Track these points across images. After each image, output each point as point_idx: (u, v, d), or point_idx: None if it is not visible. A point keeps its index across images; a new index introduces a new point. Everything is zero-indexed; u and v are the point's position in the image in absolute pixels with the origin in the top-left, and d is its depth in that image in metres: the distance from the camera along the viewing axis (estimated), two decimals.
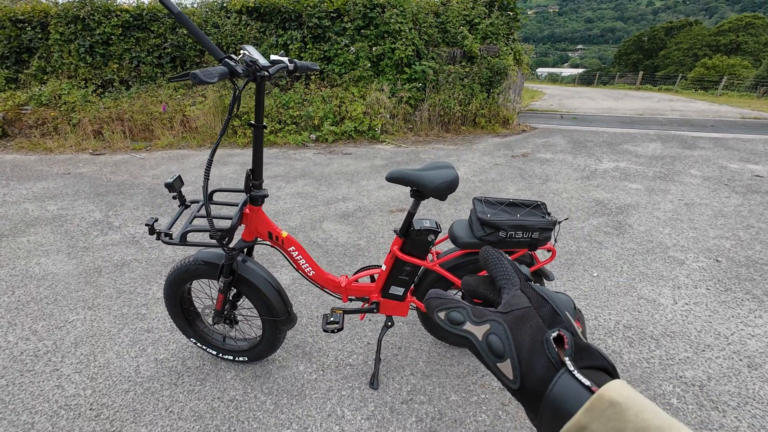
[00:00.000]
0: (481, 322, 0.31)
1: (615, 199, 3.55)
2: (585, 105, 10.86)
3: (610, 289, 2.24)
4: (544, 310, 0.30)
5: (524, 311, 0.31)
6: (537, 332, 0.29)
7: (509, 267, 0.36)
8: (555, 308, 0.30)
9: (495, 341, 0.30)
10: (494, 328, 0.30)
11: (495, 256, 0.37)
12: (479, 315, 0.32)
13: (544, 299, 0.31)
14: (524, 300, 0.32)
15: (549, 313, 0.30)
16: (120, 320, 2.02)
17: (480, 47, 6.41)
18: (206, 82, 0.87)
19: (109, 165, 4.69)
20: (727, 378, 1.65)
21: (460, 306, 0.33)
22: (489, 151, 5.23)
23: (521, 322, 0.30)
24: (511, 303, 0.32)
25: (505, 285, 0.34)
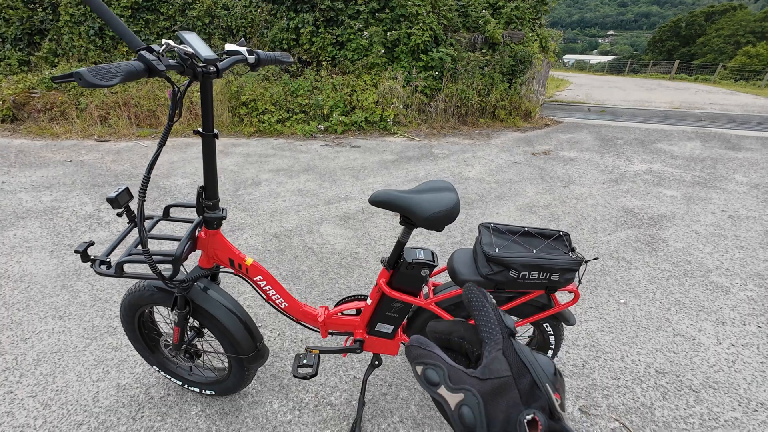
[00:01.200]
0: (456, 389, 0.30)
1: (647, 208, 3.19)
2: (614, 96, 10.20)
3: (640, 321, 1.94)
4: (524, 381, 0.29)
5: (502, 382, 0.29)
6: (512, 409, 0.28)
7: (493, 317, 0.33)
8: (535, 380, 0.29)
9: (467, 414, 0.28)
10: (468, 399, 0.29)
11: (479, 300, 0.35)
12: (455, 379, 0.30)
13: (525, 367, 0.30)
14: (504, 367, 0.30)
15: (528, 386, 0.29)
16: (89, 333, 1.85)
17: (503, 33, 5.96)
18: (97, 85, 0.62)
19: (111, 153, 4.56)
20: None
21: (437, 364, 0.31)
22: (508, 147, 4.86)
23: (497, 394, 0.29)
24: (490, 368, 0.30)
25: (487, 340, 0.32)
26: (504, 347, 0.31)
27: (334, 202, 3.25)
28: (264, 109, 5.43)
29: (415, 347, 0.33)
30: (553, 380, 0.30)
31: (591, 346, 1.79)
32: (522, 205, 3.23)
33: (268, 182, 3.67)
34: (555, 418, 0.27)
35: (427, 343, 0.33)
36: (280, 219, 2.96)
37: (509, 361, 0.30)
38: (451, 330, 0.35)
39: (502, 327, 0.32)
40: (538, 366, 0.30)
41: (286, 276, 2.28)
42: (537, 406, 0.27)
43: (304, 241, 2.65)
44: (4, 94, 5.69)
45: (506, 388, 0.28)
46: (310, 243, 2.63)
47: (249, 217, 2.98)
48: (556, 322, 1.31)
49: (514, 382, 0.29)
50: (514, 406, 0.28)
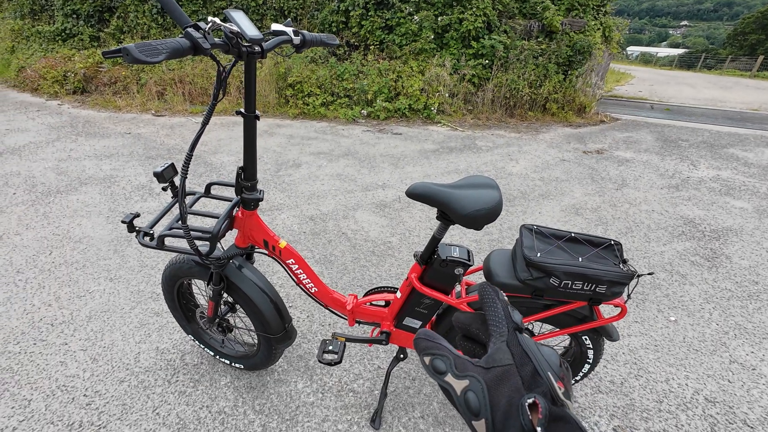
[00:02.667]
0: (461, 376, 0.31)
1: (711, 220, 2.90)
2: (683, 93, 9.34)
3: (691, 343, 1.78)
4: (526, 369, 0.30)
5: (505, 369, 0.30)
6: (514, 394, 0.29)
7: (501, 312, 0.35)
8: (536, 368, 0.30)
9: (472, 399, 0.30)
10: (473, 385, 0.30)
11: (490, 296, 0.37)
12: (461, 368, 0.32)
13: (527, 356, 0.31)
14: (507, 356, 0.31)
15: (530, 373, 0.30)
16: (135, 297, 1.98)
17: (562, 20, 5.59)
18: (143, 61, 0.62)
19: (166, 127, 4.81)
20: None
21: (444, 354, 0.33)
22: (557, 143, 4.60)
23: (500, 381, 0.30)
24: (494, 358, 0.32)
25: (494, 332, 0.34)
26: (508, 339, 0.33)
27: (371, 189, 3.23)
28: (309, 91, 5.48)
29: (423, 339, 0.35)
30: (556, 370, 0.31)
31: (632, 364, 1.66)
32: (567, 205, 3.05)
33: (308, 165, 3.72)
34: (558, 405, 0.28)
35: (434, 336, 0.35)
36: (317, 202, 2.99)
37: (512, 351, 0.32)
38: (471, 322, 0.38)
39: (508, 321, 0.34)
40: (541, 356, 0.31)
41: (319, 259, 2.31)
42: (538, 392, 0.29)
43: (339, 226, 2.66)
44: (76, 67, 6.13)
45: (509, 375, 0.30)
46: (344, 228, 2.64)
47: (288, 198, 3.04)
48: (597, 336, 1.22)
49: (517, 370, 0.30)
50: (516, 391, 0.29)
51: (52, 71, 6.11)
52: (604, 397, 1.52)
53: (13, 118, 4.92)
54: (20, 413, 1.41)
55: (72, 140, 4.23)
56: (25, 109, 5.34)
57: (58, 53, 6.71)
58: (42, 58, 6.63)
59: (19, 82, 6.55)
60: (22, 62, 6.81)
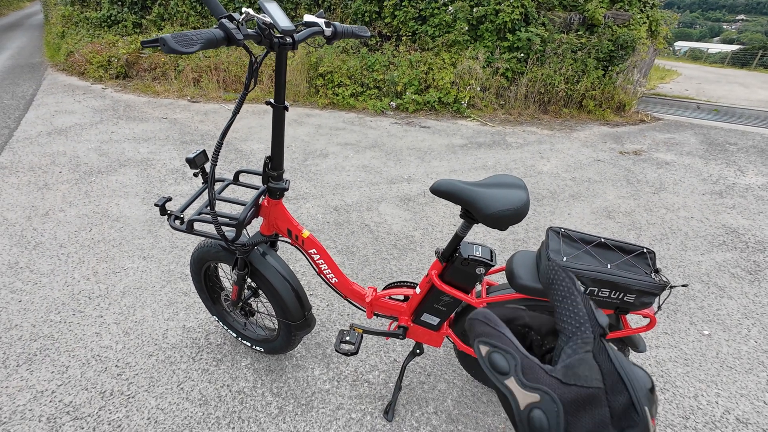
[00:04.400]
0: (531, 387, 0.24)
1: (755, 230, 2.72)
2: (734, 93, 8.73)
3: (725, 359, 1.69)
4: (618, 399, 0.23)
5: (590, 393, 0.24)
6: (598, 429, 0.22)
7: (582, 308, 0.27)
8: (633, 400, 0.23)
9: (540, 420, 0.23)
10: (544, 404, 0.24)
11: (565, 285, 0.29)
12: (530, 375, 0.25)
13: (622, 381, 0.24)
14: (595, 373, 0.24)
15: (622, 405, 0.23)
16: (165, 276, 2.07)
17: (605, 13, 5.32)
18: (179, 51, 0.64)
19: (200, 114, 4.96)
20: None
21: (509, 351, 0.26)
22: (592, 143, 4.42)
23: (582, 407, 0.23)
24: (576, 373, 0.24)
25: (571, 334, 0.26)
26: (595, 349, 0.26)
27: (396, 182, 3.23)
28: (339, 81, 5.49)
29: (481, 322, 0.28)
30: (649, 401, 0.24)
31: (659, 376, 1.60)
32: (599, 208, 2.94)
33: (335, 155, 3.74)
34: None
35: (495, 320, 0.28)
36: (342, 193, 3.02)
37: (601, 368, 0.25)
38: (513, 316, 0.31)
39: (593, 324, 0.27)
40: (637, 382, 0.24)
41: (341, 250, 2.33)
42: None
43: (363, 218, 2.68)
44: (120, 53, 6.40)
45: (594, 401, 0.24)
46: (368, 220, 2.65)
47: (313, 188, 3.08)
48: (622, 346, 1.17)
49: (606, 396, 0.24)
50: (601, 425, 0.23)
51: (97, 56, 6.40)
52: None
53: (61, 101, 5.20)
54: (59, 378, 1.51)
55: (113, 123, 4.44)
56: (72, 92, 5.64)
57: (104, 39, 7.02)
58: (89, 43, 6.95)
59: (68, 66, 6.90)
60: (70, 47, 7.17)
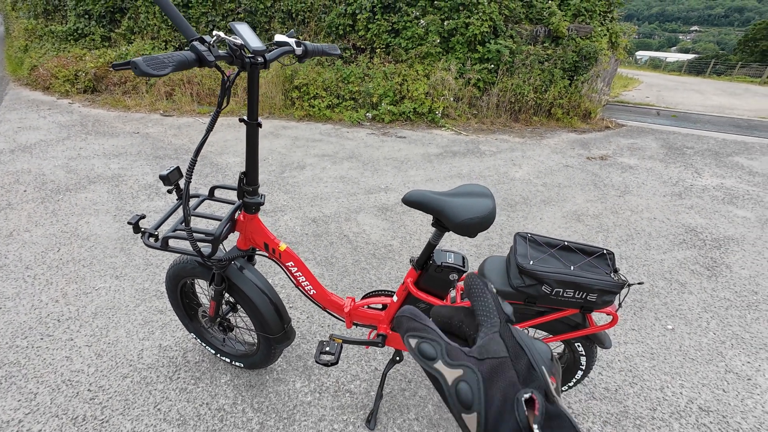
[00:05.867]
0: (454, 365, 0.29)
1: (712, 228, 2.90)
2: (690, 100, 9.28)
3: (687, 351, 1.79)
4: (521, 362, 0.29)
5: (500, 362, 0.29)
6: (509, 389, 0.27)
7: (491, 302, 0.33)
8: (531, 361, 0.29)
9: (465, 390, 0.28)
10: (467, 376, 0.28)
11: (479, 287, 0.35)
12: (454, 356, 0.30)
13: (522, 349, 0.29)
14: (501, 347, 0.30)
15: (525, 367, 0.28)
16: (140, 295, 2.02)
17: (569, 26, 5.60)
18: (151, 74, 0.66)
19: (173, 128, 4.88)
20: None
21: (435, 339, 0.31)
22: (561, 149, 4.61)
23: (495, 374, 0.28)
24: (487, 348, 0.30)
25: (484, 322, 0.32)
26: (501, 330, 0.31)
27: (374, 192, 3.27)
28: (315, 93, 5.53)
29: (408, 318, 0.32)
30: (549, 365, 0.30)
31: (627, 371, 1.68)
32: (569, 212, 3.07)
33: (312, 167, 3.76)
34: (550, 401, 0.27)
35: (420, 315, 0.32)
36: (320, 204, 3.03)
37: (506, 342, 0.30)
38: (452, 314, 0.36)
39: (500, 312, 0.32)
40: (535, 349, 0.30)
41: (321, 261, 2.34)
42: (534, 386, 0.27)
43: (341, 229, 2.70)
44: (87, 66, 6.24)
45: (504, 367, 0.28)
46: (346, 231, 2.67)
47: (291, 200, 3.08)
48: (589, 343, 1.24)
49: (511, 362, 0.29)
50: (511, 385, 0.27)
51: (63, 70, 6.22)
52: (597, 404, 1.54)
53: (25, 116, 5.01)
54: (26, 406, 1.45)
55: (82, 139, 4.31)
56: (36, 108, 5.45)
57: (70, 53, 6.83)
58: (54, 57, 6.74)
59: (32, 80, 6.67)
60: (34, 61, 6.94)
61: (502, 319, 0.32)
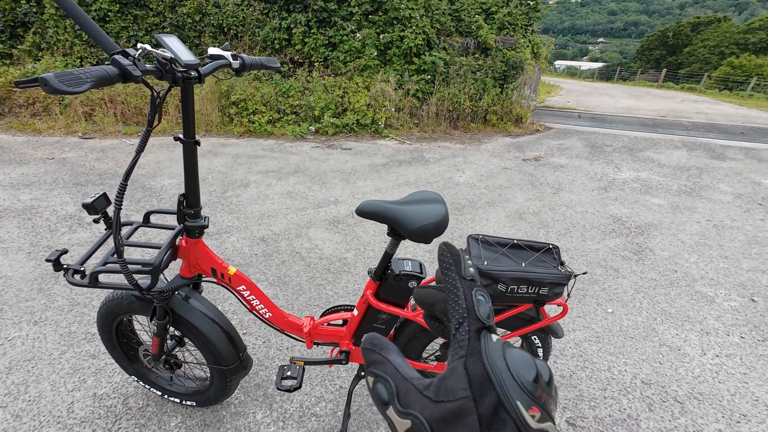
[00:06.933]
0: (404, 414, 0.25)
1: (635, 217, 3.22)
2: (604, 103, 10.34)
3: (626, 331, 1.95)
4: (486, 400, 0.23)
5: (457, 406, 0.23)
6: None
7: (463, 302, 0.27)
8: (501, 398, 0.22)
9: None
10: (415, 429, 0.24)
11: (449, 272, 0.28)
12: (404, 400, 0.25)
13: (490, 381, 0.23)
14: (462, 384, 0.24)
15: (491, 407, 0.22)
16: (65, 340, 1.79)
17: (495, 38, 6.00)
18: (65, 92, 0.58)
19: (96, 151, 4.45)
20: None
21: (387, 378, 0.27)
22: (498, 153, 4.88)
23: (451, 421, 0.23)
24: (446, 386, 0.24)
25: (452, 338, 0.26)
26: (468, 352, 0.25)
27: (323, 206, 3.21)
28: (254, 109, 5.36)
29: (369, 350, 0.28)
30: (530, 389, 0.23)
31: (578, 356, 1.78)
32: (512, 211, 3.24)
33: (256, 184, 3.62)
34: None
35: (381, 344, 0.28)
36: (269, 222, 2.91)
37: (470, 374, 0.24)
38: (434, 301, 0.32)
39: (470, 320, 0.26)
40: (508, 375, 0.23)
41: (273, 281, 2.24)
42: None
43: (292, 246, 2.61)
44: None
45: (462, 413, 0.23)
46: (298, 248, 2.59)
47: (236, 220, 2.93)
48: (545, 335, 1.30)
49: (474, 404, 0.23)
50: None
51: None
52: None
53: None
54: None
55: None
56: None
57: None
58: None
59: None
60: None
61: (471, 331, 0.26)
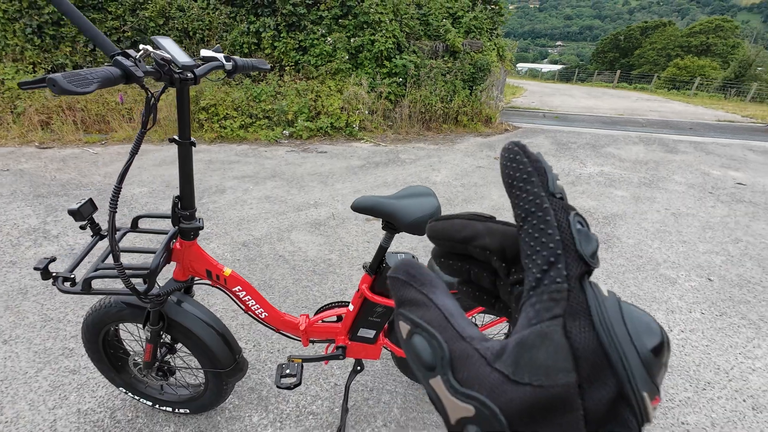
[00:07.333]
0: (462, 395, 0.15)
1: (602, 208, 3.42)
2: (566, 103, 10.84)
3: None
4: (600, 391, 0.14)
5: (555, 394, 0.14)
6: None
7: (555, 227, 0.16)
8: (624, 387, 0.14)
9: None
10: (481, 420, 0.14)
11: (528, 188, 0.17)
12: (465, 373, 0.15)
13: (609, 362, 0.14)
14: (563, 360, 0.14)
15: (607, 400, 0.14)
16: (41, 357, 1.70)
17: (463, 42, 6.18)
18: (74, 92, 0.59)
19: (56, 161, 4.23)
20: (732, 424, 1.50)
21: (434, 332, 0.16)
22: (471, 152, 5.03)
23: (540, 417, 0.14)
24: (533, 362, 0.14)
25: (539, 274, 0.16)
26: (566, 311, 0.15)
27: (303, 209, 3.20)
28: (225, 114, 5.26)
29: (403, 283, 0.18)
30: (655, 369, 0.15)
31: None
32: (488, 207, 3.35)
33: (233, 189, 3.55)
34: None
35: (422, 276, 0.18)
36: (248, 227, 2.88)
37: (574, 345, 0.14)
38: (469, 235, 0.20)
39: (569, 259, 0.16)
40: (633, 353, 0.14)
41: (259, 285, 2.22)
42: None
43: (275, 249, 2.59)
44: None
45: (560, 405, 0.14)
46: (281, 251, 2.58)
47: (215, 226, 2.87)
48: None
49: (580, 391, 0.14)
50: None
51: None
52: None
53: None
54: None
55: None
56: None
57: None
58: None
59: None
60: None
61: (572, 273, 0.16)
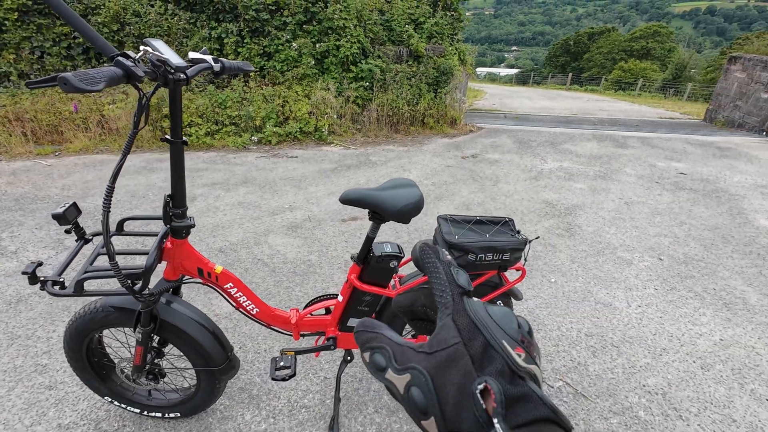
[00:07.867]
0: (402, 370, 0.26)
1: (563, 200, 3.65)
2: (524, 104, 11.37)
3: (569, 295, 2.23)
4: (475, 343, 0.25)
5: (451, 351, 0.25)
6: (465, 379, 0.24)
7: (444, 276, 0.30)
8: (488, 339, 0.25)
9: (417, 395, 0.25)
10: (415, 379, 0.25)
11: (430, 259, 0.32)
12: (401, 359, 0.27)
13: (476, 327, 0.26)
14: (452, 333, 0.26)
15: (481, 348, 0.25)
16: (11, 376, 1.63)
17: (426, 47, 6.37)
18: (84, 90, 0.62)
19: (5, 174, 3.97)
20: (685, 383, 1.67)
21: (382, 346, 0.28)
22: (439, 152, 5.19)
23: (447, 366, 0.25)
24: (438, 339, 0.27)
25: (439, 304, 0.29)
26: (454, 310, 0.28)
27: (278, 213, 3.21)
28: (190, 121, 5.14)
29: (362, 332, 0.30)
30: (513, 334, 0.26)
31: (533, 321, 2.02)
32: (459, 203, 3.50)
33: (204, 197, 3.49)
34: (513, 380, 0.23)
35: (373, 324, 0.30)
36: (224, 233, 2.85)
37: (458, 325, 0.27)
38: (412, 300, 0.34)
39: (452, 286, 0.29)
40: (492, 322, 0.26)
41: None
42: (492, 370, 0.24)
43: (253, 253, 2.58)
44: None
45: (456, 357, 0.25)
46: (259, 255, 2.57)
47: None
48: (507, 299, 1.48)
49: (465, 347, 0.25)
50: (466, 375, 0.24)
51: None
52: None
53: None
54: None
55: None
56: None
57: None
58: None
59: None
60: None
61: (455, 294, 0.29)
